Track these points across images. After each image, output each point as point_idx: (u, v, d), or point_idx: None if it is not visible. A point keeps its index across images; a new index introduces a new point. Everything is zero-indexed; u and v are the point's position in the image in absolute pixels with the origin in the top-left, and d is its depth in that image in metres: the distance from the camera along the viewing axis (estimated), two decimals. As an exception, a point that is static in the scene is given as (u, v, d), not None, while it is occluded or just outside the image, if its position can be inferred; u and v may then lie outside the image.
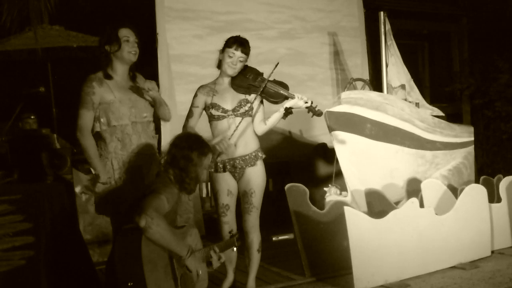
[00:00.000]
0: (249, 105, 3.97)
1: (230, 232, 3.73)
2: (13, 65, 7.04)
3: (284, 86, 4.06)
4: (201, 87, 4.09)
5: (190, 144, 3.29)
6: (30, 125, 6.56)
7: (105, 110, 3.62)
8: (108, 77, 3.66)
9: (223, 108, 3.97)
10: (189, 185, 3.26)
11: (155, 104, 3.78)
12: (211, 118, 4.04)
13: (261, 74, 4.08)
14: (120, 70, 3.72)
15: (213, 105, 3.98)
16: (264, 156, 4.09)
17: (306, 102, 3.96)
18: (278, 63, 3.98)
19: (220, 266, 3.46)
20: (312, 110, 4.01)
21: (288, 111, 4.01)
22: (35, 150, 6.29)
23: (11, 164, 5.76)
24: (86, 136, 3.59)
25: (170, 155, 3.28)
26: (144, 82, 3.74)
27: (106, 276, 3.13)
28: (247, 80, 4.01)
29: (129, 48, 3.66)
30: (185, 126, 4.02)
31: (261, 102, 4.10)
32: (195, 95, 4.06)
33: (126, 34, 3.67)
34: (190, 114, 4.05)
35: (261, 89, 3.96)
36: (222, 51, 3.99)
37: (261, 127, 4.08)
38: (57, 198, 3.56)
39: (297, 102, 3.95)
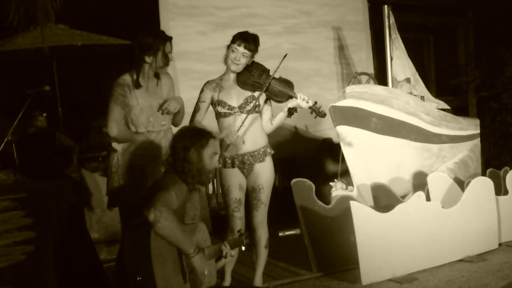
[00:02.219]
0: (255, 102, 3.95)
1: (239, 231, 3.72)
2: (18, 65, 7.06)
3: (289, 84, 4.01)
4: (207, 82, 4.10)
5: (190, 135, 3.27)
6: (41, 122, 6.60)
7: (126, 113, 3.68)
8: (139, 86, 3.71)
9: (229, 105, 3.97)
10: (198, 177, 3.24)
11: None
12: (218, 115, 4.04)
13: (267, 70, 4.05)
14: (150, 76, 3.78)
15: (219, 102, 3.98)
16: (272, 152, 4.08)
17: (308, 103, 3.90)
18: (285, 55, 3.96)
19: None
20: (315, 111, 3.96)
21: (291, 111, 3.97)
22: (42, 149, 6.33)
23: (18, 163, 5.80)
24: (119, 128, 3.60)
25: (173, 150, 3.27)
26: (164, 102, 3.79)
27: (116, 272, 3.13)
28: (252, 77, 3.98)
29: (167, 60, 3.79)
30: (191, 120, 4.02)
31: (269, 100, 4.08)
32: (202, 90, 4.07)
33: (169, 48, 3.77)
34: (196, 109, 4.05)
35: (265, 87, 3.94)
36: (228, 46, 3.98)
37: (268, 126, 4.07)
38: (64, 197, 3.56)
39: (299, 103, 3.89)
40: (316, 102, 3.96)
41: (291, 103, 3.94)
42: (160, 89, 3.83)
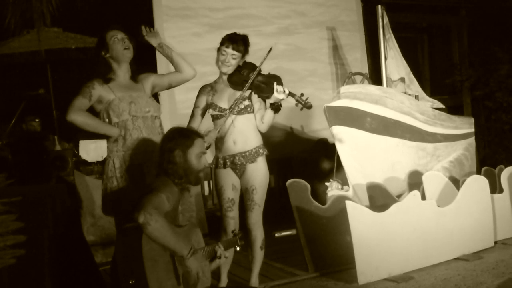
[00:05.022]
0: (246, 101, 3.96)
1: (233, 232, 3.72)
2: (13, 68, 7.05)
3: (276, 78, 3.95)
4: (202, 87, 4.10)
5: (175, 136, 3.28)
6: (34, 127, 6.59)
7: (106, 110, 3.66)
8: (108, 80, 3.70)
9: (219, 107, 3.97)
10: (185, 177, 3.24)
11: (165, 55, 3.86)
12: (212, 118, 4.05)
13: (256, 68, 3.99)
14: (119, 71, 3.76)
15: (211, 105, 4.00)
16: (266, 153, 4.05)
17: (285, 92, 3.82)
18: (270, 49, 3.94)
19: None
20: (300, 102, 3.88)
21: (274, 107, 3.90)
22: (37, 152, 6.31)
23: (13, 166, 5.78)
24: (78, 112, 3.55)
25: (160, 151, 3.29)
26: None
27: (111, 275, 3.13)
28: (242, 76, 3.97)
29: (120, 45, 3.70)
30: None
31: (262, 100, 4.06)
32: (197, 96, 4.08)
33: (113, 34, 3.72)
34: (191, 115, 4.07)
35: (250, 82, 3.90)
36: (218, 49, 3.99)
37: (261, 126, 4.04)
38: (59, 200, 3.55)
39: (276, 96, 3.83)
40: (302, 94, 3.90)
41: (271, 99, 3.89)
42: (141, 85, 3.81)
